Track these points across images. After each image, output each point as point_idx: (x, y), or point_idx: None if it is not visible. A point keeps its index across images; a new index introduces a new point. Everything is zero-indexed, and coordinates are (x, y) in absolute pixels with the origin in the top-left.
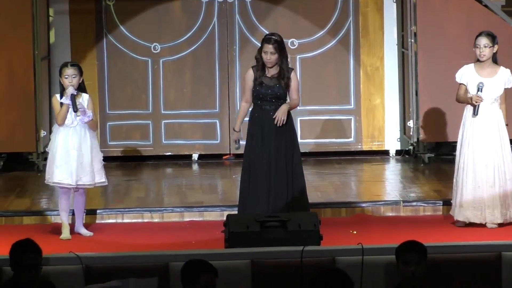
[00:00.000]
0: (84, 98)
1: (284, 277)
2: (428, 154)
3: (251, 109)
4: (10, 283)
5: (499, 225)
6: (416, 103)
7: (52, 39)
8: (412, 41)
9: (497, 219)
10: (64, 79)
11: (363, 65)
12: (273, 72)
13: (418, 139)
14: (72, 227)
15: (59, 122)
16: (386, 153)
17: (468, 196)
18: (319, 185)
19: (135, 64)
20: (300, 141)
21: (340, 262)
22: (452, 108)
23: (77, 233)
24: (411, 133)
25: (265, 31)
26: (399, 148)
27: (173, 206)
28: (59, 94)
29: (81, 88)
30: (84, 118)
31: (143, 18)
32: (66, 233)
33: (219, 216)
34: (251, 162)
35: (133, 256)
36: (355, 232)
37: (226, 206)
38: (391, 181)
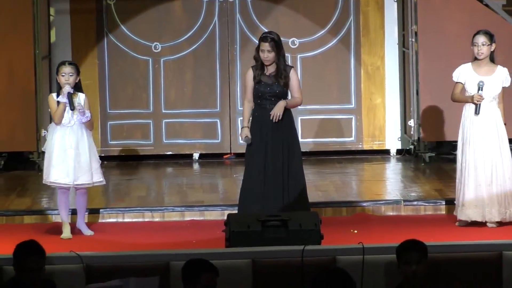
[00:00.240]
0: (81, 97)
1: (284, 276)
2: (428, 153)
3: (252, 108)
4: (11, 283)
5: (498, 224)
6: (416, 102)
7: (53, 38)
8: (413, 40)
9: (495, 217)
10: (60, 77)
11: (364, 64)
12: (271, 70)
13: (418, 138)
14: (72, 226)
15: (56, 121)
16: (386, 152)
17: (470, 195)
18: (319, 184)
19: (136, 63)
20: (300, 140)
21: (341, 262)
22: (452, 108)
23: (78, 229)
24: (411, 132)
25: (266, 30)
26: (399, 147)
27: (174, 205)
28: (55, 93)
29: (77, 88)
30: (83, 118)
31: (144, 17)
32: (66, 232)
33: (219, 215)
34: (251, 161)
35: (133, 256)
36: (355, 232)
37: (226, 205)
38: (392, 181)
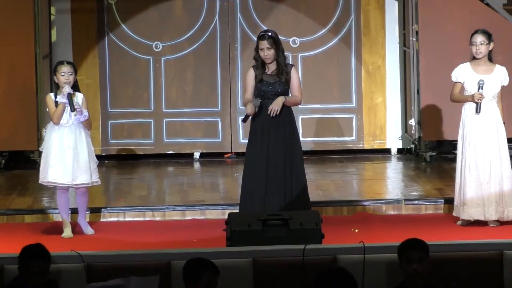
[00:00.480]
0: (79, 97)
1: (285, 275)
2: (429, 153)
3: None
4: (15, 284)
5: (500, 223)
6: (417, 101)
7: (53, 37)
8: (414, 39)
9: (492, 216)
10: (60, 76)
11: (364, 63)
12: (272, 68)
13: (419, 137)
14: (73, 225)
15: (55, 121)
16: (387, 151)
17: (471, 193)
18: (320, 184)
19: (137, 62)
20: (301, 139)
21: (342, 261)
22: (453, 107)
23: (79, 228)
24: (412, 132)
25: (268, 29)
26: (400, 146)
27: (175, 204)
28: (53, 93)
29: (75, 87)
30: (81, 117)
31: (145, 16)
32: (67, 232)
33: (220, 214)
34: (252, 160)
35: (134, 255)
36: (356, 231)
37: (227, 204)
38: (393, 180)
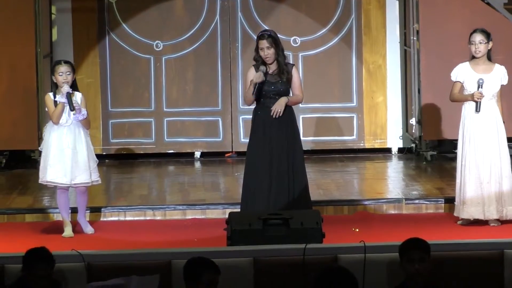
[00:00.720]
0: (77, 96)
1: (286, 274)
2: (430, 152)
3: (254, 107)
4: (17, 285)
5: (501, 222)
6: (418, 101)
7: (54, 37)
8: (415, 38)
9: (493, 215)
10: (58, 76)
11: (365, 63)
12: (273, 68)
13: (420, 136)
14: (74, 224)
15: (54, 121)
16: (388, 151)
17: (472, 193)
18: (321, 183)
19: (138, 62)
20: (302, 138)
21: (343, 260)
22: (454, 106)
23: (79, 227)
24: (413, 131)
25: (268, 29)
26: (401, 146)
27: (176, 204)
28: (51, 93)
29: (74, 86)
30: (79, 116)
31: (146, 16)
32: (68, 231)
33: (221, 214)
34: (253, 159)
35: (135, 254)
36: (357, 230)
37: (228, 204)
38: (394, 179)
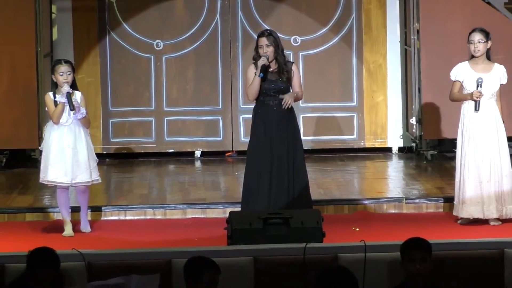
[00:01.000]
0: (77, 95)
1: (286, 274)
2: (430, 151)
3: (254, 105)
4: (18, 284)
5: (501, 221)
6: (418, 100)
7: (55, 36)
8: (415, 38)
9: (493, 214)
10: (58, 76)
11: (365, 62)
12: (273, 67)
13: (420, 136)
14: (74, 224)
15: (54, 121)
16: (388, 150)
17: (471, 192)
18: (321, 182)
19: (138, 61)
20: (302, 138)
21: (343, 259)
22: (454, 105)
23: (79, 223)
24: (413, 130)
25: (268, 28)
26: (401, 145)
27: (176, 203)
28: (51, 92)
29: (73, 85)
30: (78, 115)
31: (146, 15)
32: (68, 230)
33: (221, 213)
34: (253, 158)
35: (135, 253)
36: (357, 229)
37: (228, 203)
38: (394, 178)
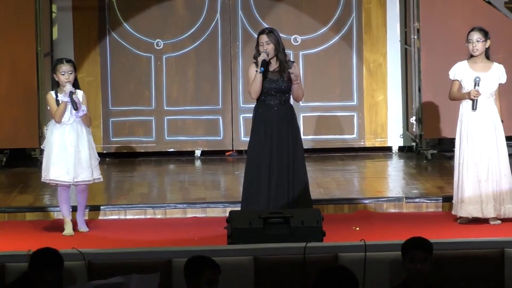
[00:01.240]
0: (79, 94)
1: (286, 273)
2: (430, 151)
3: (254, 105)
4: (20, 283)
5: (499, 220)
6: (418, 99)
7: (55, 35)
8: (415, 37)
9: (490, 213)
10: (60, 75)
11: (366, 61)
12: (274, 66)
13: (420, 135)
14: (74, 223)
15: (57, 120)
16: (388, 149)
17: (470, 191)
18: (321, 182)
19: (138, 60)
20: (302, 137)
21: (343, 259)
22: (454, 105)
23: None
24: (413, 130)
25: (269, 27)
26: (401, 144)
27: (176, 202)
28: (53, 91)
29: (75, 84)
30: (79, 112)
31: (146, 14)
32: (68, 229)
33: (221, 212)
34: (254, 158)
35: (135, 253)
36: (357, 229)
37: (228, 202)
38: (394, 178)
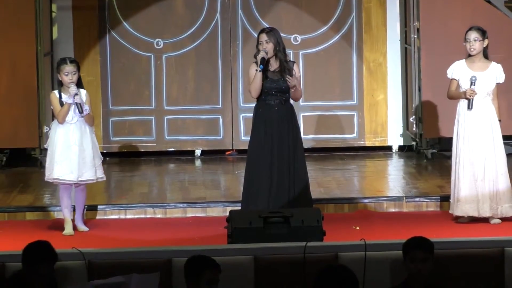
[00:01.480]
0: (82, 93)
1: (286, 273)
2: (430, 150)
3: (255, 104)
4: (16, 279)
5: (500, 220)
6: (418, 98)
7: (55, 35)
8: (415, 36)
9: (486, 212)
10: (64, 76)
11: (366, 60)
12: (275, 66)
13: (420, 134)
14: (74, 222)
15: (60, 121)
16: (388, 148)
17: (466, 190)
18: (322, 181)
19: (138, 59)
20: (303, 137)
21: (343, 258)
22: (454, 104)
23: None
24: (413, 129)
25: (268, 26)
26: (402, 143)
27: (176, 202)
28: (57, 91)
29: (79, 84)
30: (83, 113)
31: (146, 14)
32: (69, 229)
33: (221, 212)
34: (254, 157)
35: (135, 252)
36: (357, 228)
37: (228, 202)
38: (394, 177)
